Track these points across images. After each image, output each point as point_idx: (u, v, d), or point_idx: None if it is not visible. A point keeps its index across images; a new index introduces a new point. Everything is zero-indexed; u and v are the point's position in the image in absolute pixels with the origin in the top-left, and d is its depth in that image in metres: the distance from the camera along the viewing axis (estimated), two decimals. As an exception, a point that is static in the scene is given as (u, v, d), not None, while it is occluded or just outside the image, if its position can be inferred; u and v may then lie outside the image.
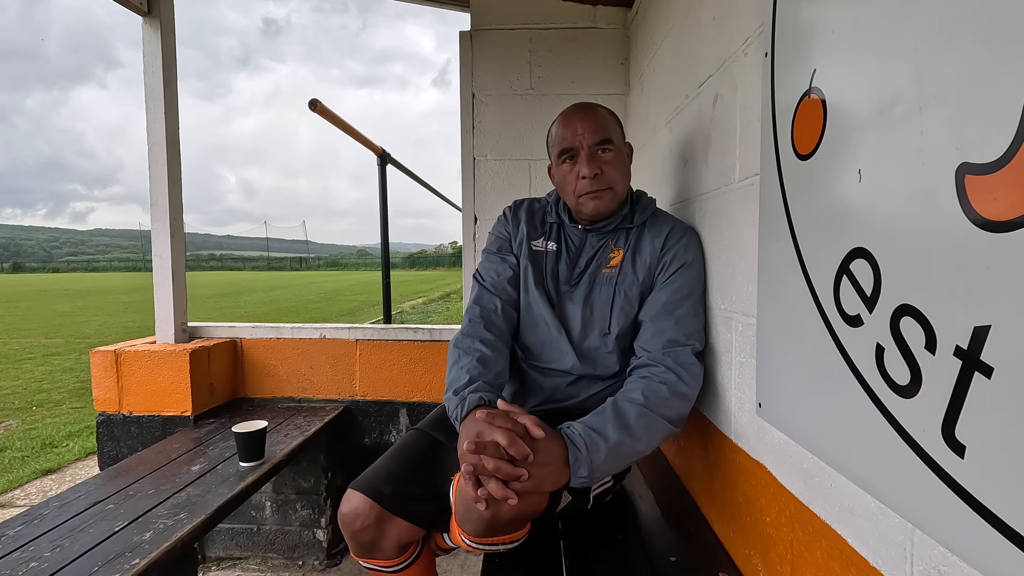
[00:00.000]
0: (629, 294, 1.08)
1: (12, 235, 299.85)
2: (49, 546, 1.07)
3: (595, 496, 1.02)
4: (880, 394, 0.55)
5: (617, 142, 1.09)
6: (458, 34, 2.06)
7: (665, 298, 1.05)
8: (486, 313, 1.10)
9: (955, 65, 0.46)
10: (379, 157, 3.66)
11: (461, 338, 1.06)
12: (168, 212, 1.93)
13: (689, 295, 1.05)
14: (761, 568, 0.86)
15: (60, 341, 8.26)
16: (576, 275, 1.12)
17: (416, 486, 1.03)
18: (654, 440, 0.95)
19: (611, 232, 1.13)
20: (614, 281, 1.09)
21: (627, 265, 1.10)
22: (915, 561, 0.53)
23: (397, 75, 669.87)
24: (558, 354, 1.10)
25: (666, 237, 1.09)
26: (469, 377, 0.96)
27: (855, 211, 0.59)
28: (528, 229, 1.18)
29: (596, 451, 0.87)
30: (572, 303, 1.11)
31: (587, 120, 1.07)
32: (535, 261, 1.15)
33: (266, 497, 1.98)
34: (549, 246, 1.15)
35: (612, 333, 1.08)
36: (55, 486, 2.87)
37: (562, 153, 1.10)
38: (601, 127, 1.07)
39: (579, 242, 1.15)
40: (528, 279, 1.14)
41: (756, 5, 0.85)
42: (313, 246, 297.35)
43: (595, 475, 0.88)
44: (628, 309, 1.08)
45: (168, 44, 1.92)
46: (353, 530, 1.02)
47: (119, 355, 1.89)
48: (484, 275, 1.17)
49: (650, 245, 1.10)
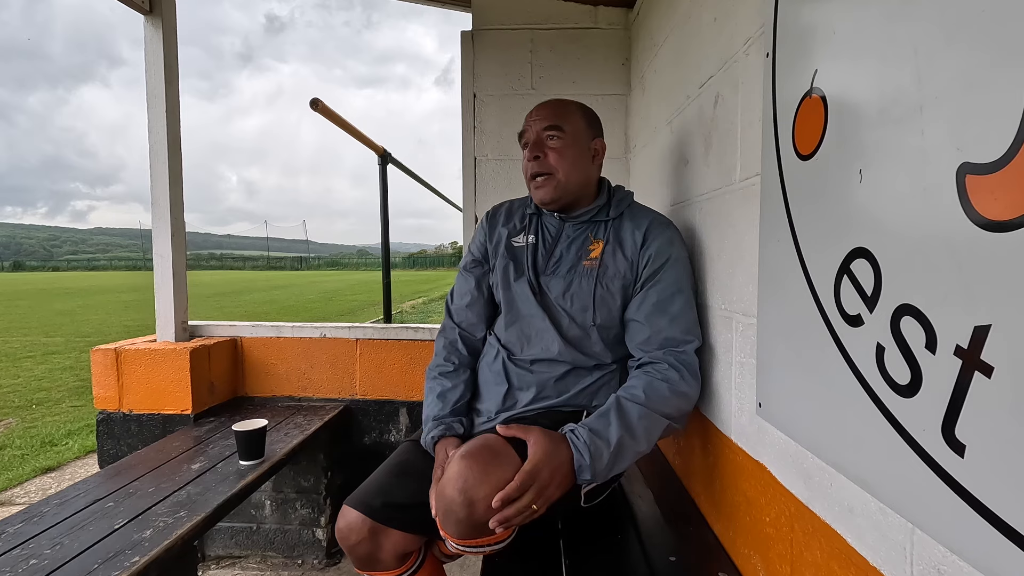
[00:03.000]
0: (611, 287, 1.09)
1: (12, 233, 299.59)
2: (49, 543, 1.07)
3: (587, 493, 1.02)
4: (880, 394, 0.55)
5: (570, 131, 1.10)
6: (460, 34, 2.06)
7: (656, 296, 1.06)
8: (448, 344, 1.23)
9: (956, 65, 0.46)
10: (380, 157, 3.66)
11: (430, 368, 1.22)
12: (169, 211, 1.93)
13: (680, 290, 1.06)
14: (761, 568, 0.87)
15: (60, 340, 8.26)
16: (553, 264, 1.14)
17: (408, 495, 1.03)
18: (654, 438, 0.96)
19: (588, 223, 1.15)
20: (595, 273, 1.10)
21: (608, 258, 1.11)
22: (915, 560, 0.53)
23: (399, 75, 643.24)
24: (545, 343, 1.11)
25: (646, 230, 1.10)
26: (432, 414, 1.13)
27: (856, 211, 0.59)
28: (507, 229, 1.21)
29: (600, 456, 0.90)
30: (551, 293, 1.13)
31: (543, 109, 1.13)
32: (515, 257, 1.18)
33: (266, 496, 1.98)
34: (529, 239, 1.18)
35: (595, 324, 1.09)
36: (54, 484, 2.87)
37: (520, 139, 1.16)
38: (553, 115, 1.11)
39: (556, 231, 1.17)
40: (509, 275, 1.17)
41: (758, 6, 0.85)
42: (313, 246, 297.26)
43: (598, 478, 0.91)
44: (610, 301, 1.09)
45: (170, 43, 1.92)
46: (349, 545, 1.04)
47: (120, 353, 1.89)
48: (452, 298, 1.28)
49: (631, 238, 1.11)
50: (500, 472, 0.86)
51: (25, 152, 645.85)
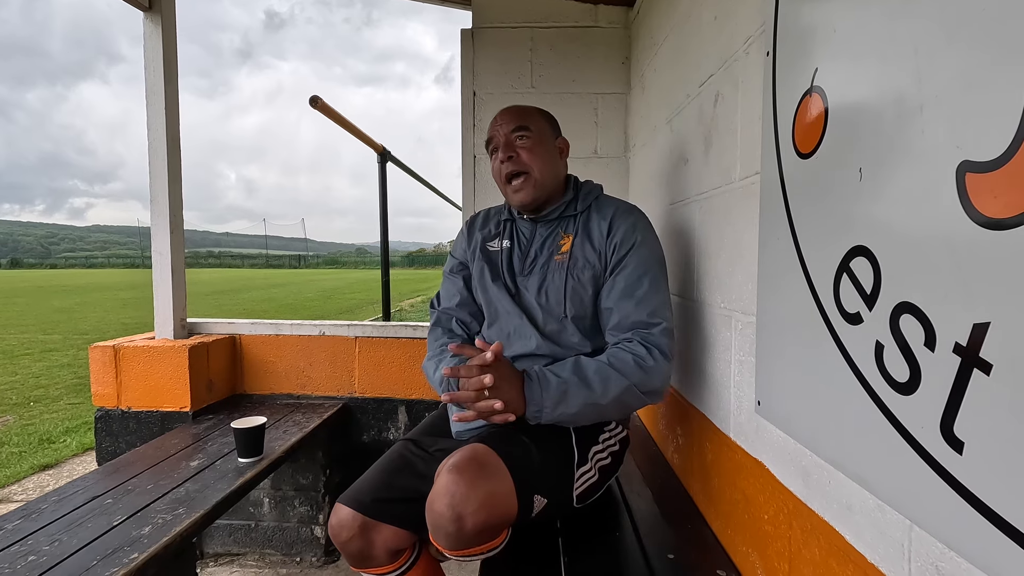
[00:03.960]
0: (581, 277, 1.11)
1: (10, 231, 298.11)
2: (47, 540, 1.07)
3: (578, 495, 1.03)
4: (879, 391, 0.55)
5: (536, 130, 1.14)
6: (460, 32, 2.06)
7: (623, 282, 1.07)
8: (446, 332, 1.25)
9: (956, 64, 0.46)
10: (379, 155, 3.65)
11: (428, 359, 1.22)
12: (168, 208, 1.93)
13: (645, 272, 1.07)
14: (759, 565, 0.87)
15: (58, 337, 8.24)
16: (529, 264, 1.17)
17: (399, 490, 1.04)
18: (611, 391, 0.98)
19: (557, 220, 1.18)
20: (566, 266, 1.12)
21: (577, 250, 1.13)
22: (913, 557, 0.53)
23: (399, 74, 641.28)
24: (524, 339, 1.13)
25: (612, 219, 1.12)
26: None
27: (856, 209, 0.59)
28: (483, 235, 1.26)
29: (547, 385, 0.96)
30: (529, 292, 1.15)
31: (506, 114, 1.17)
32: (490, 261, 1.22)
33: (264, 493, 1.98)
34: (504, 244, 1.21)
35: (568, 316, 1.11)
36: (52, 481, 2.87)
37: (487, 146, 1.19)
38: (518, 117, 1.15)
39: (530, 234, 1.20)
40: (485, 278, 1.20)
41: (758, 4, 0.85)
42: (312, 244, 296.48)
43: (545, 405, 0.96)
44: (582, 292, 1.11)
45: (169, 40, 1.91)
46: (340, 541, 1.05)
47: (118, 350, 1.89)
48: (438, 301, 1.30)
49: (597, 228, 1.13)
50: (488, 485, 0.88)
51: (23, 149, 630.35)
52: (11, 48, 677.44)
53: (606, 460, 1.10)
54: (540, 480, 0.96)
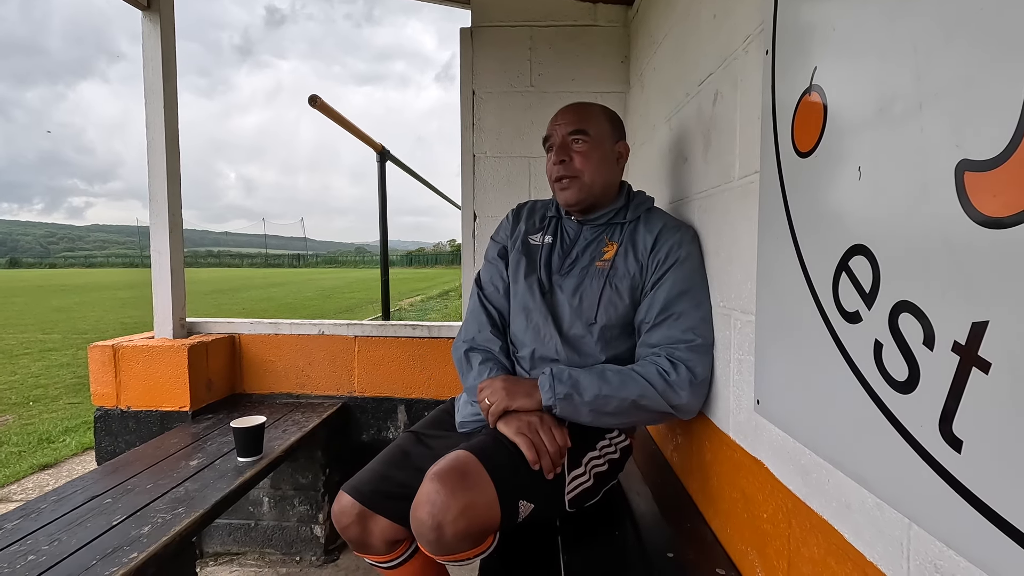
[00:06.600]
0: (619, 287, 1.10)
1: (9, 230, 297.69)
2: (47, 540, 1.07)
3: (571, 499, 1.03)
4: (878, 390, 0.55)
5: (595, 135, 1.12)
6: (459, 31, 2.06)
7: (663, 298, 1.06)
8: (490, 319, 1.21)
9: (955, 62, 0.46)
10: (379, 154, 3.65)
11: (462, 345, 1.19)
12: (167, 207, 1.92)
13: (687, 290, 1.06)
14: (758, 564, 0.87)
15: (57, 337, 8.23)
16: (568, 264, 1.16)
17: (398, 485, 1.06)
18: (629, 392, 0.98)
19: (605, 226, 1.16)
20: (605, 274, 1.11)
21: (619, 260, 1.12)
22: (911, 556, 0.54)
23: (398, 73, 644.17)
24: (544, 340, 1.13)
25: (658, 234, 1.10)
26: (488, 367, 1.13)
27: (855, 208, 0.59)
28: (527, 226, 1.24)
29: (561, 376, 1.00)
30: (563, 292, 1.14)
31: (568, 113, 1.14)
32: (529, 254, 1.20)
33: (264, 493, 1.98)
34: (545, 239, 1.20)
35: (598, 323, 1.10)
36: (52, 481, 2.87)
37: (545, 143, 1.17)
38: (579, 120, 1.12)
39: (574, 234, 1.19)
40: (519, 270, 1.18)
41: (757, 3, 0.85)
42: (311, 243, 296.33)
43: (558, 392, 0.98)
44: (617, 301, 1.10)
45: (168, 38, 1.91)
46: (341, 527, 1.09)
47: (117, 350, 1.89)
48: (483, 283, 1.26)
49: (643, 242, 1.11)
50: (468, 495, 0.89)
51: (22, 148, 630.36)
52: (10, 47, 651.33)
53: (603, 467, 1.08)
54: (526, 485, 0.96)
